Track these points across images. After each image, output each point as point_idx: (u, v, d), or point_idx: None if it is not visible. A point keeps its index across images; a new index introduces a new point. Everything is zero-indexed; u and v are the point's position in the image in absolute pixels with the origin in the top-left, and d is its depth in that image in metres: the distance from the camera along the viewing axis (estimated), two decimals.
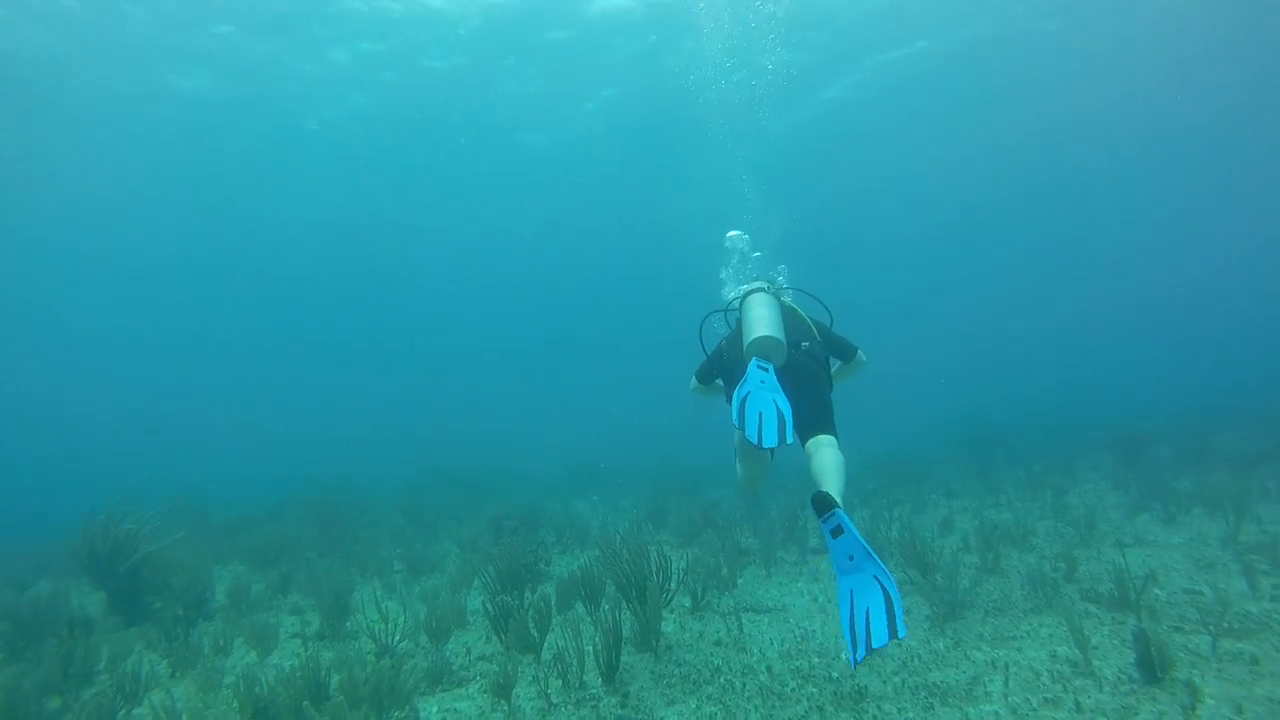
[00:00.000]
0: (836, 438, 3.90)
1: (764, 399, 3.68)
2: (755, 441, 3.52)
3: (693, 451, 19.75)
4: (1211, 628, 3.79)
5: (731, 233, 6.30)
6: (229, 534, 8.59)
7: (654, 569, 4.99)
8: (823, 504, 3.22)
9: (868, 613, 2.92)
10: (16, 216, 23.60)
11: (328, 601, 5.48)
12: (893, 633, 2.80)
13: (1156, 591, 4.82)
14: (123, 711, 3.86)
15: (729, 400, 4.12)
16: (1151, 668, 3.21)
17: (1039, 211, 31.72)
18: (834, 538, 3.14)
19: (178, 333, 38.58)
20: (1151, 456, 9.33)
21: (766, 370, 3.86)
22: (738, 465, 4.55)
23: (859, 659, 2.84)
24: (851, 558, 3.09)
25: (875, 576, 3.01)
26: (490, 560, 5.56)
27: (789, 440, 3.59)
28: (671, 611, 5.43)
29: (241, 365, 44.73)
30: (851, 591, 3.04)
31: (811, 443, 3.84)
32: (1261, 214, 31.82)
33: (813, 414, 3.96)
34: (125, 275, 30.32)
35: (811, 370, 4.13)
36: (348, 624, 5.55)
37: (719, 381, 4.59)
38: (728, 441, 4.52)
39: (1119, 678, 3.43)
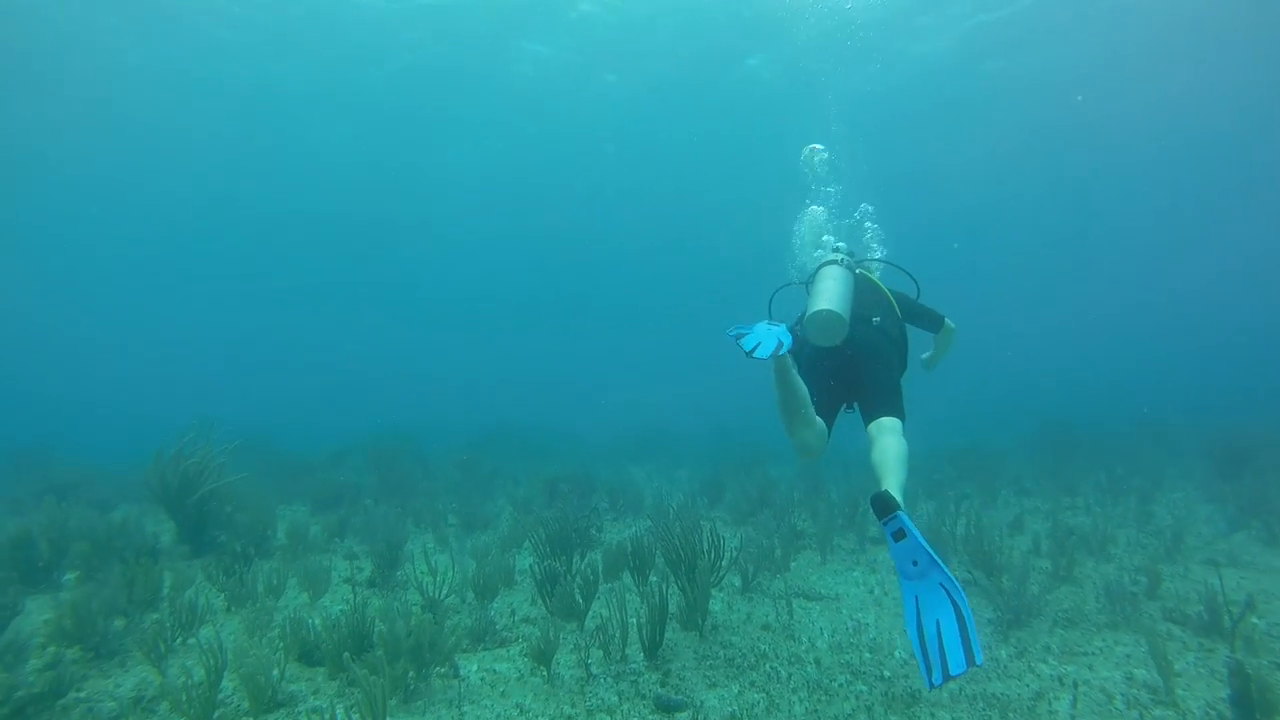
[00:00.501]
0: (903, 421, 3.71)
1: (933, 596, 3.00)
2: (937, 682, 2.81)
3: (754, 424, 19.57)
4: None
5: (813, 208, 5.94)
6: (294, 476, 8.93)
7: (706, 546, 4.86)
8: (883, 506, 3.05)
9: (939, 629, 2.78)
10: (105, 160, 24.66)
11: (381, 549, 5.58)
12: (970, 659, 2.65)
13: (1255, 620, 4.40)
14: (179, 639, 4.01)
15: (801, 376, 3.88)
16: (1249, 707, 2.89)
17: (1141, 183, 28.96)
18: (895, 541, 2.99)
19: (258, 277, 40.17)
20: (1253, 466, 8.59)
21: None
22: (787, 434, 4.25)
23: (936, 683, 2.67)
24: (915, 563, 2.94)
25: (942, 585, 2.86)
26: (542, 523, 5.55)
27: (783, 350, 3.27)
28: (720, 590, 5.32)
29: (318, 310, 46.30)
30: (917, 599, 2.90)
31: (874, 425, 3.67)
32: None
33: (877, 393, 3.81)
34: (196, 216, 31.29)
35: (879, 347, 3.96)
36: (399, 573, 5.66)
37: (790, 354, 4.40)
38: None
39: (1207, 714, 3.13)
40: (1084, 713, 3.20)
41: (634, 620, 3.91)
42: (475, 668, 3.79)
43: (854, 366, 3.88)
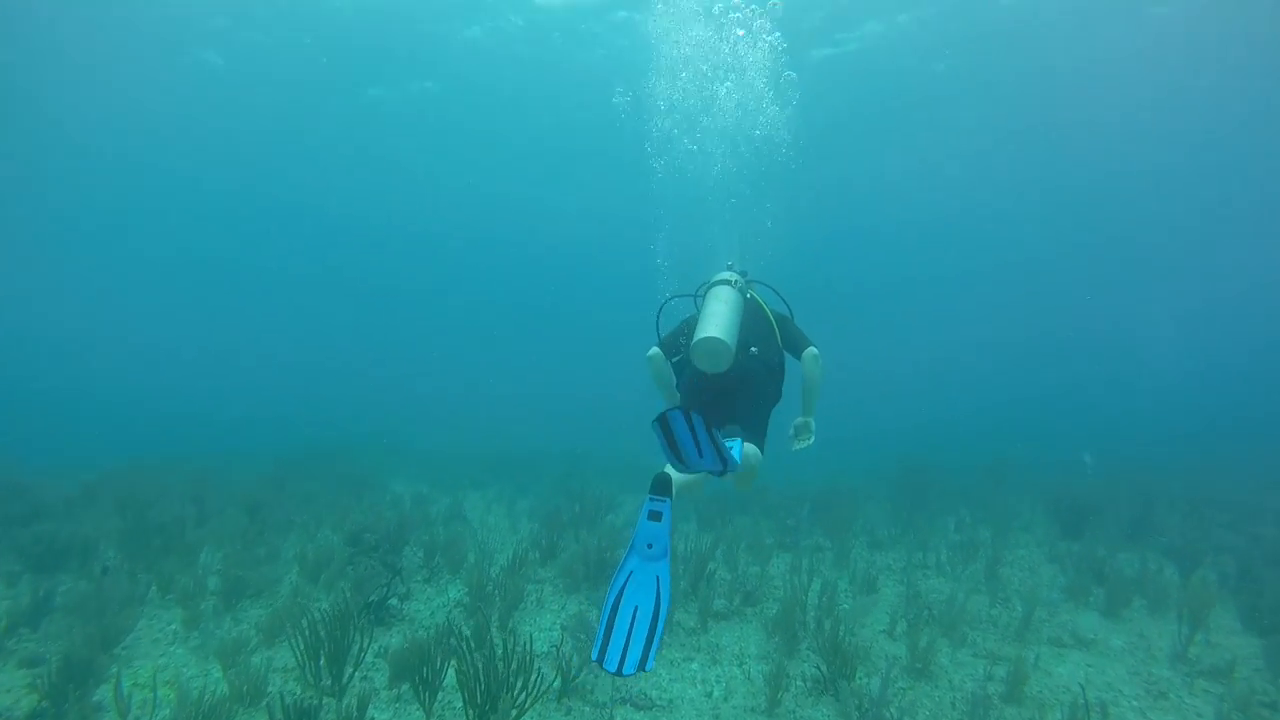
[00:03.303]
0: (760, 452, 3.81)
1: (645, 580, 3.09)
2: (595, 659, 2.91)
3: (614, 439, 18.76)
4: None
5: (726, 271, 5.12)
6: (6, 523, 6.94)
7: (515, 666, 3.83)
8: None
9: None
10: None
11: (75, 651, 4.09)
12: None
13: None
14: None
15: (679, 391, 4.26)
16: None
17: (1030, 213, 28.90)
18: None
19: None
20: (1093, 523, 8.68)
21: (660, 515, 3.17)
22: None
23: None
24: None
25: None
26: (308, 625, 4.25)
27: (649, 666, 2.95)
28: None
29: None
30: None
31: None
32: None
33: (744, 422, 3.87)
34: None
35: (757, 377, 4.01)
36: (96, 697, 4.15)
37: (673, 365, 4.38)
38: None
39: None
40: None
41: None
42: None
43: (729, 393, 3.93)
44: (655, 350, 4.39)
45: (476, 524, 9.49)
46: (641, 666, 2.79)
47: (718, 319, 3.82)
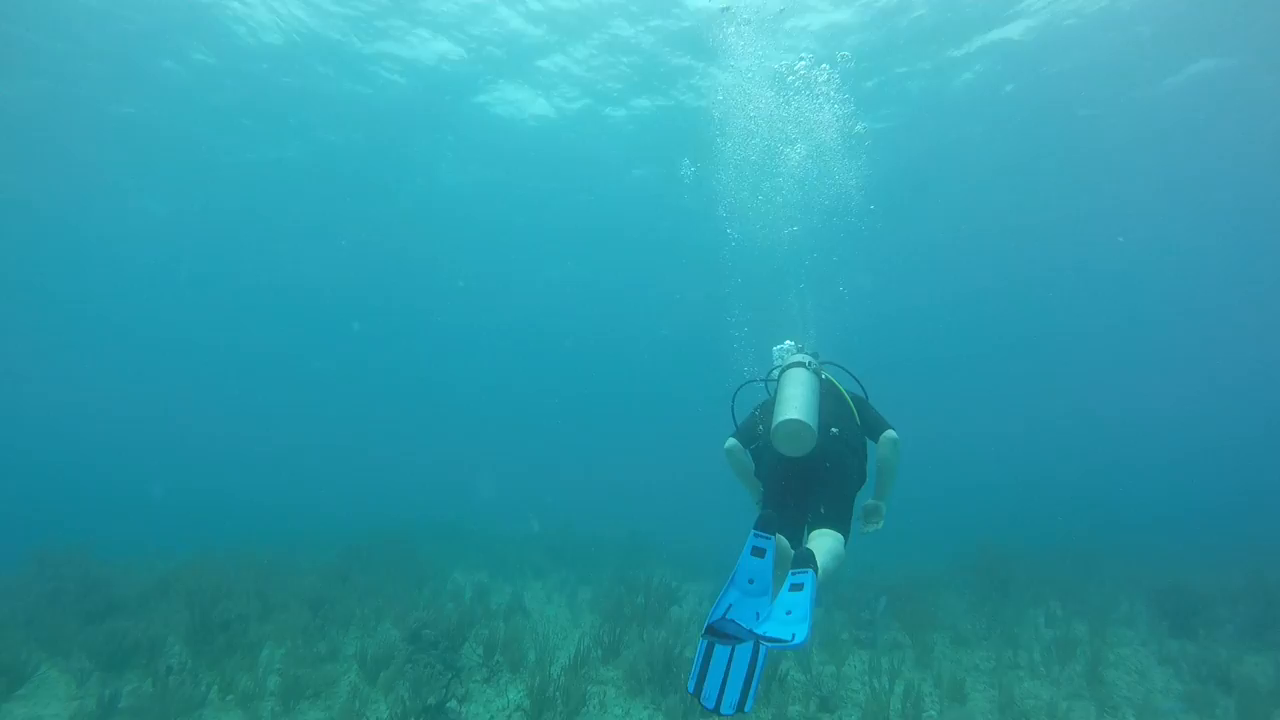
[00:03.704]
0: (845, 540, 3.67)
1: (745, 615, 2.98)
2: (692, 690, 2.85)
3: (677, 522, 18.28)
4: None
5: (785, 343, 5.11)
6: (88, 618, 7.07)
7: None
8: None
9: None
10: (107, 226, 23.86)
11: None
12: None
13: None
14: None
15: (760, 479, 4.13)
16: None
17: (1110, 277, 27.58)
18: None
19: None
20: (1205, 620, 7.85)
21: (764, 552, 3.17)
22: None
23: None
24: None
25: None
26: None
27: (747, 708, 2.85)
28: None
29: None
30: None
31: (815, 534, 3.64)
32: None
33: (829, 506, 3.77)
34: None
35: (842, 459, 3.91)
36: None
37: (750, 451, 4.30)
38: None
39: None
40: None
41: None
42: None
43: (813, 477, 3.83)
44: (732, 441, 4.28)
45: (537, 616, 9.25)
46: (740, 708, 2.72)
47: (797, 401, 3.74)
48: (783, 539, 3.51)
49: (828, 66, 9.99)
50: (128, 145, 19.32)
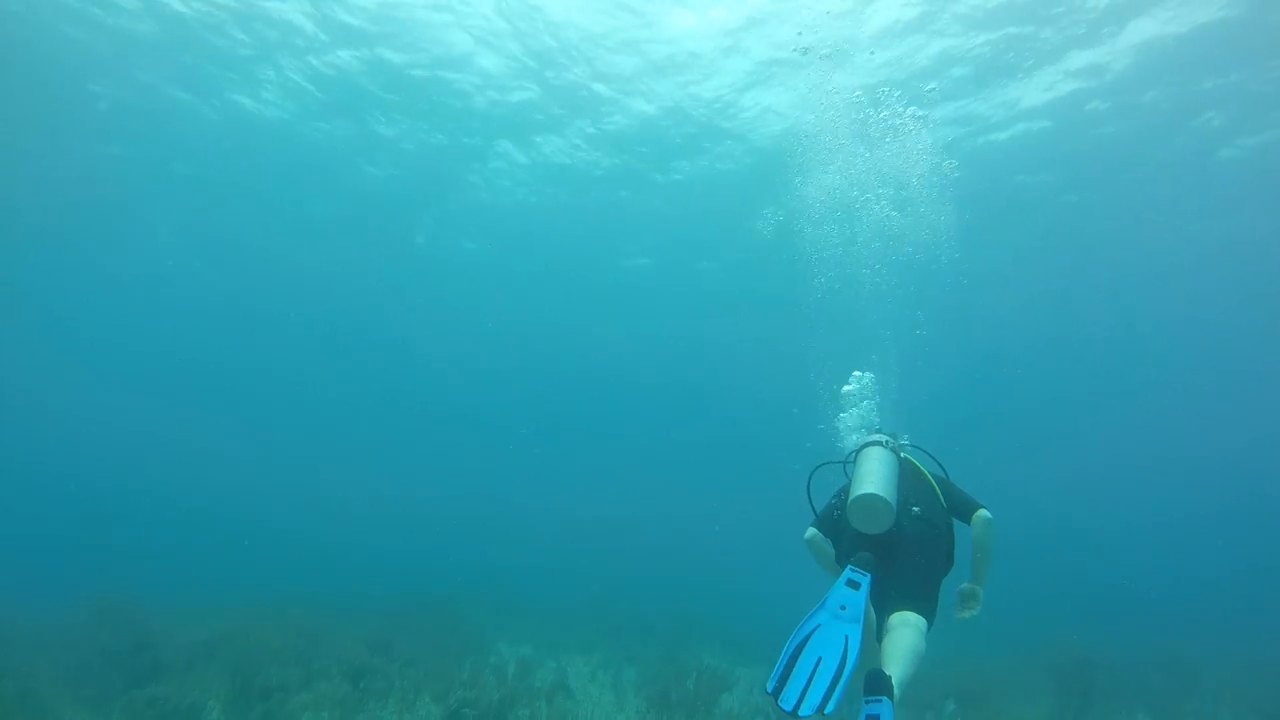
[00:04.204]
0: (929, 625, 3.45)
1: (833, 636, 3.05)
2: (771, 690, 2.90)
3: (730, 599, 17.52)
4: None
5: (855, 374, 5.27)
6: (136, 679, 7.03)
7: None
8: (878, 685, 2.85)
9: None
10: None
11: None
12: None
13: None
14: None
15: (840, 564, 3.82)
16: None
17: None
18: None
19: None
20: None
21: (859, 585, 3.25)
22: None
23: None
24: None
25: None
26: None
27: (828, 709, 2.88)
28: None
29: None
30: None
31: (896, 617, 3.42)
32: None
33: (912, 587, 3.54)
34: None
35: (925, 539, 3.69)
36: None
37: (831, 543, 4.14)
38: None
39: None
40: None
41: None
42: None
43: (892, 557, 3.59)
44: (813, 531, 4.15)
45: (580, 696, 8.91)
46: (821, 709, 2.76)
47: (874, 476, 3.65)
48: (871, 609, 3.46)
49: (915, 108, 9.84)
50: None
